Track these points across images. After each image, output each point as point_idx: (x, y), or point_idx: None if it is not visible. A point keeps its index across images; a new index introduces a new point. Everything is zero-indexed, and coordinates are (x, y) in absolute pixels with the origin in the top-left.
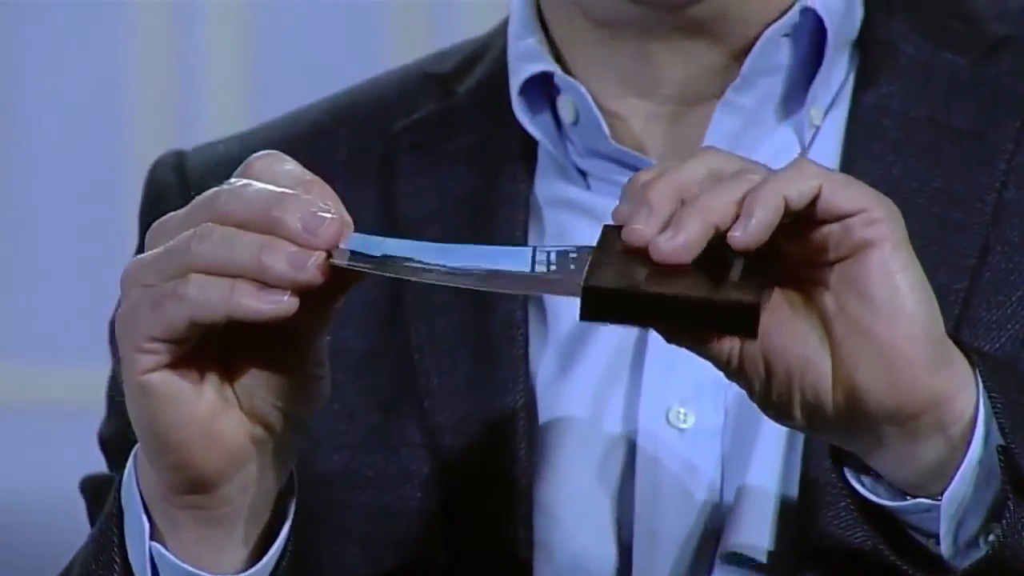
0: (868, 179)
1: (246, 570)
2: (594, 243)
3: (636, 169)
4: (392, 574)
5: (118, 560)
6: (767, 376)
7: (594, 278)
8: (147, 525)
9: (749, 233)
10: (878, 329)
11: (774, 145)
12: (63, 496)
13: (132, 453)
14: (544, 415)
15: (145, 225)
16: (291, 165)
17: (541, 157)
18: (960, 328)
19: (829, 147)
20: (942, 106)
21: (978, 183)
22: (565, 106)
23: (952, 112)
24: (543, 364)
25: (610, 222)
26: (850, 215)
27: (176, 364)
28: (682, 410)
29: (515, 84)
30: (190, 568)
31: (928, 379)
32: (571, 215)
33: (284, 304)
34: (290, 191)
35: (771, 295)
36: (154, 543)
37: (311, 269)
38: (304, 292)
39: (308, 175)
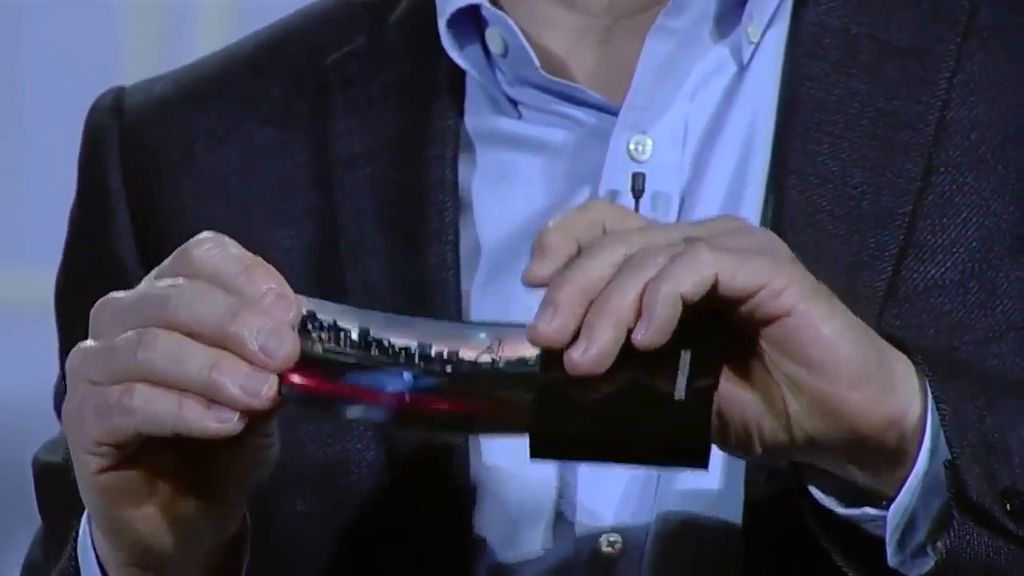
0: (811, 101)
1: None
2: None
3: (567, 97)
4: (335, 528)
5: None
6: (723, 422)
7: (539, 420)
8: None
9: (650, 335)
10: (817, 385)
11: (709, 65)
12: None
13: (84, 518)
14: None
15: (84, 169)
16: (232, 249)
17: (470, 89)
18: (907, 254)
19: (768, 66)
20: (882, 22)
21: (920, 103)
22: (493, 38)
23: (892, 28)
24: (481, 308)
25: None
26: (753, 294)
27: (126, 462)
28: None
29: (443, 17)
30: None
31: (876, 411)
32: (503, 147)
33: (233, 424)
34: (243, 302)
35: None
36: None
37: (264, 397)
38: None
39: (250, 258)
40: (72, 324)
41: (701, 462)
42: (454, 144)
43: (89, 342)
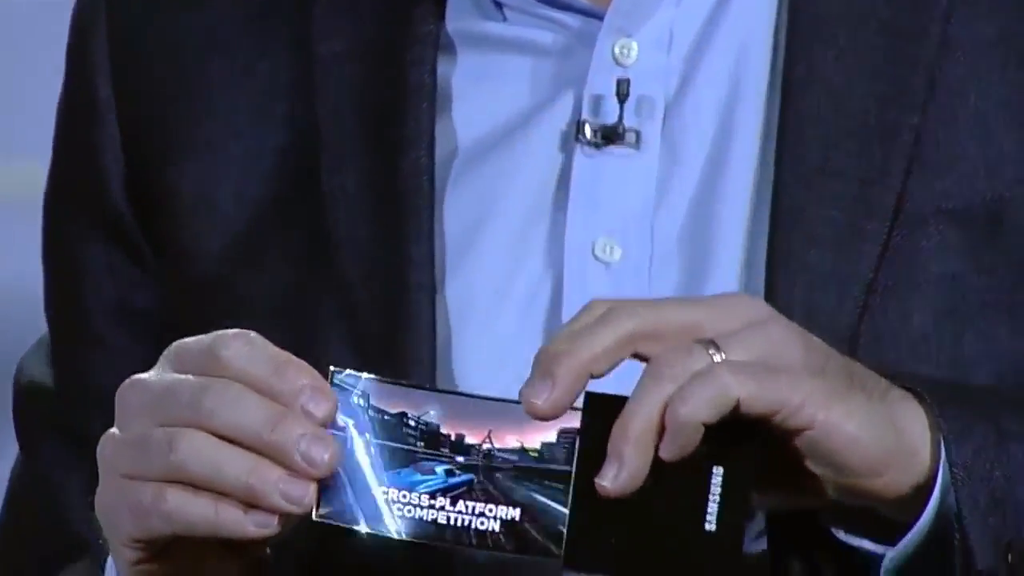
0: (812, 12)
1: None
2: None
3: (553, 1)
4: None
5: None
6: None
7: (570, 547)
8: None
9: (673, 453)
10: (845, 481)
11: None
12: None
13: (109, 562)
14: (461, 259)
15: (72, 67)
16: (262, 347)
17: None
18: (911, 170)
19: None
20: None
21: (924, 14)
22: None
23: None
24: (457, 206)
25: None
26: (774, 414)
27: (165, 550)
28: (608, 243)
29: None
30: None
31: (902, 486)
32: (488, 49)
33: (273, 526)
34: (282, 411)
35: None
36: None
37: (307, 504)
38: None
39: (282, 356)
40: (57, 233)
41: None
42: (434, 49)
43: (117, 431)
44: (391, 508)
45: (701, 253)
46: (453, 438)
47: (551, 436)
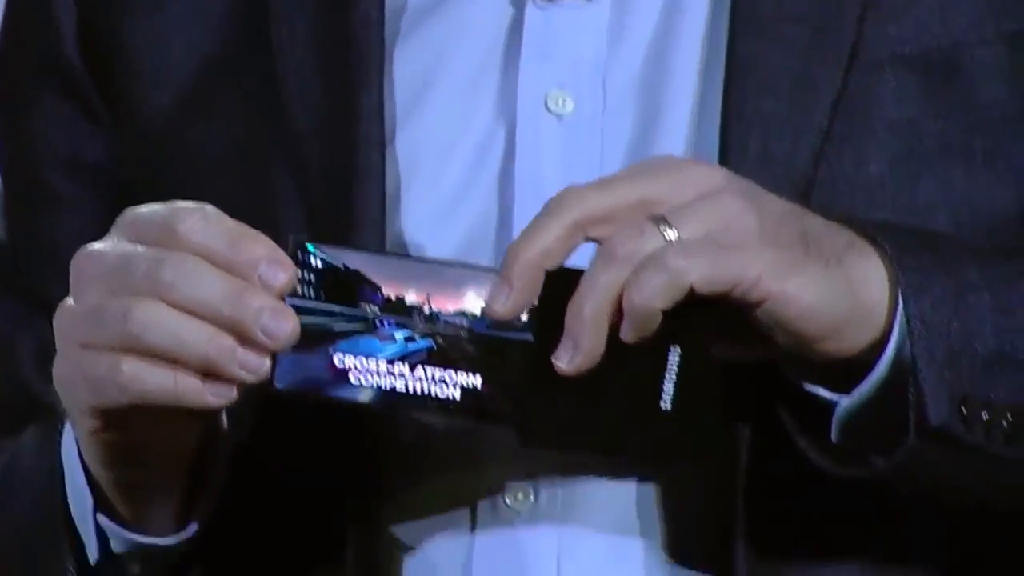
0: None
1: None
2: None
3: None
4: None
5: (67, 532)
6: None
7: (529, 408)
8: (91, 501)
9: (632, 335)
10: (801, 346)
11: None
12: None
13: (67, 426)
14: (411, 112)
15: None
16: (218, 220)
17: None
18: (866, 16)
19: None
20: None
21: None
22: None
23: None
24: (408, 59)
25: None
26: (729, 291)
27: (123, 416)
28: (561, 95)
29: None
30: (137, 538)
31: (857, 344)
32: None
33: (232, 396)
34: (240, 284)
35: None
36: (101, 515)
37: (264, 373)
38: None
39: (239, 228)
40: (8, 87)
41: (688, 462)
42: None
43: (72, 301)
44: (349, 376)
45: (654, 104)
46: (413, 304)
47: (467, 295)
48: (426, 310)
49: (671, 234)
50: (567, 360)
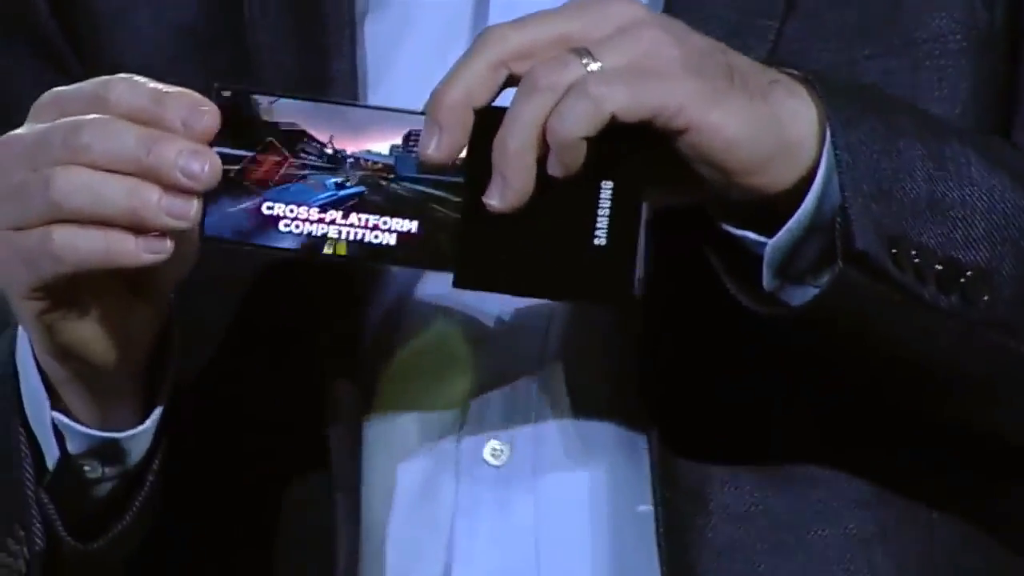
0: None
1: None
2: None
3: None
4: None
5: (22, 432)
6: None
7: (464, 250)
8: (47, 399)
9: (561, 169)
10: (725, 180)
11: None
12: None
13: (21, 329)
14: (381, 77)
15: None
16: (144, 82)
17: None
18: None
19: None
20: None
21: None
22: None
23: None
24: (377, 26)
25: None
26: (650, 119)
27: (66, 294)
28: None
29: None
30: (94, 432)
31: (782, 181)
32: None
33: (166, 249)
34: (156, 132)
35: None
36: (56, 413)
37: (192, 218)
38: None
39: (165, 87)
40: None
41: (621, 302)
42: None
43: None
44: (280, 224)
45: None
46: (342, 149)
47: (397, 139)
48: (356, 155)
49: (593, 65)
50: (497, 196)
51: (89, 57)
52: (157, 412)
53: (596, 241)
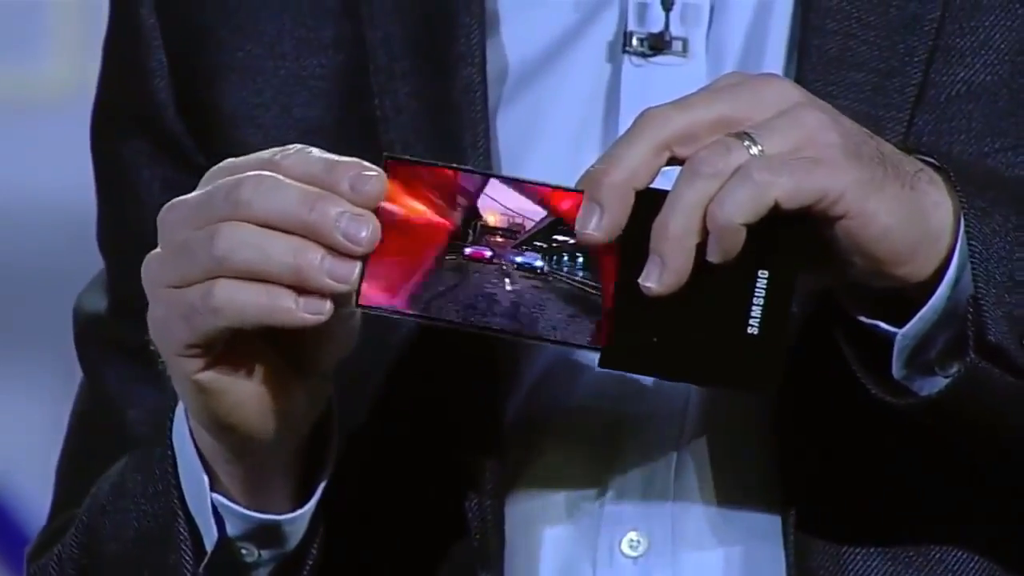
0: None
1: (296, 507)
2: None
3: None
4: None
5: (181, 515)
6: None
7: (610, 342)
8: (207, 479)
9: (719, 255)
10: (873, 268)
11: None
12: None
13: (179, 408)
14: (516, 171)
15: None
16: (318, 153)
17: None
18: (935, 58)
19: None
20: None
21: None
22: None
23: None
24: (509, 123)
25: None
26: (813, 206)
27: (219, 357)
28: None
29: None
30: (255, 514)
31: (924, 270)
32: None
33: (325, 311)
34: (321, 192)
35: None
36: (216, 495)
37: (353, 281)
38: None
39: (337, 157)
40: (104, 159)
41: (768, 390)
42: None
43: (157, 249)
44: (439, 296)
45: None
46: (503, 226)
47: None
48: (516, 233)
49: (755, 149)
50: (655, 279)
51: (216, 155)
52: (318, 493)
53: (749, 330)
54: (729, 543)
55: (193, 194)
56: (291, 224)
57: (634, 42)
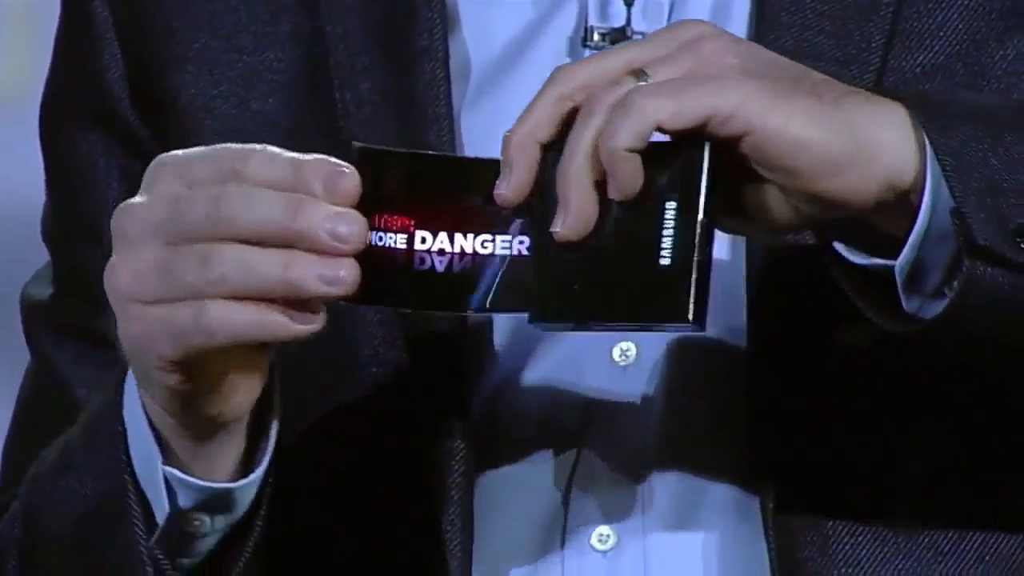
0: None
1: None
2: None
3: None
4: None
5: (131, 488)
6: (736, 210)
7: (538, 303)
8: (159, 450)
9: (620, 189)
10: (796, 184)
11: None
12: None
13: (126, 375)
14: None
15: None
16: (279, 153)
17: None
18: (893, 43)
19: None
20: None
21: None
22: None
23: None
24: (473, 122)
25: None
26: (703, 125)
27: (199, 364)
28: None
29: None
30: (209, 484)
31: (860, 188)
32: None
33: (319, 321)
34: (301, 197)
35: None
36: (168, 468)
37: (346, 281)
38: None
39: (301, 155)
40: (56, 152)
41: (694, 324)
42: None
43: (121, 258)
44: (423, 281)
45: None
46: (492, 210)
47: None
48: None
49: (645, 81)
50: (560, 223)
51: (172, 146)
52: (267, 459)
53: (662, 262)
54: (704, 529)
55: (151, 200)
56: (277, 235)
57: (595, 36)
